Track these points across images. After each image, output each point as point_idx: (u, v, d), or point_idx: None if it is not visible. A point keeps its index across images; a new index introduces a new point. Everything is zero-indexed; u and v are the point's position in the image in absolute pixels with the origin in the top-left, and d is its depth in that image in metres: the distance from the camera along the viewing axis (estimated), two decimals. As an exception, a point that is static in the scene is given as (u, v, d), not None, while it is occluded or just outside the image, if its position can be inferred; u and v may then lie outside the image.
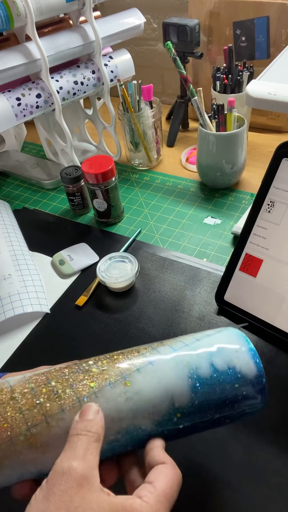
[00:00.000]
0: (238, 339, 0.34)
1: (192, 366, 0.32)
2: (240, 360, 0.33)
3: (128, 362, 0.32)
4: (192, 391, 0.31)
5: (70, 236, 0.72)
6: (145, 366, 0.32)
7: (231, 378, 0.32)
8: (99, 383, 0.31)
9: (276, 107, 0.50)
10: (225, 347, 0.33)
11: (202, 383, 0.32)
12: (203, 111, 0.71)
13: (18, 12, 0.64)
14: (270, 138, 0.90)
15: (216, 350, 0.33)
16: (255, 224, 0.52)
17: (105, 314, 0.59)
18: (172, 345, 0.34)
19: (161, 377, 0.31)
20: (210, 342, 0.34)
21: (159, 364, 0.32)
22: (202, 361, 0.32)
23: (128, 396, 0.30)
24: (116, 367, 0.32)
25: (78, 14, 0.76)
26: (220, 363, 0.32)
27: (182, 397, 0.31)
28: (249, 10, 0.81)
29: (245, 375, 0.32)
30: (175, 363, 0.32)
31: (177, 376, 0.32)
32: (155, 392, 0.31)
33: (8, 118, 0.69)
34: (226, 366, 0.32)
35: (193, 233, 0.70)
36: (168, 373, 0.32)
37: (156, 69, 1.06)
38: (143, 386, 0.31)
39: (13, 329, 0.58)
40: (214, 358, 0.32)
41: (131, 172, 0.86)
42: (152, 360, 0.32)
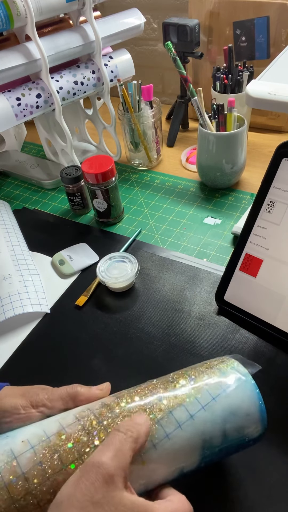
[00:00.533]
0: (251, 400, 0.35)
1: (206, 437, 0.33)
2: (250, 423, 0.34)
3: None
4: (201, 459, 0.33)
5: (70, 236, 0.72)
6: (162, 441, 0.32)
7: (238, 442, 0.34)
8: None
9: (276, 107, 0.50)
10: (238, 411, 0.34)
11: (212, 451, 0.33)
12: (203, 111, 0.71)
13: (18, 12, 0.64)
14: (270, 138, 0.90)
15: (230, 416, 0.34)
16: (255, 224, 0.52)
17: (105, 314, 0.59)
18: (188, 405, 0.34)
19: (176, 453, 0.32)
20: (226, 404, 0.34)
21: (175, 437, 0.32)
22: (216, 430, 0.33)
23: (142, 474, 0.31)
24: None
25: (78, 14, 0.76)
26: (231, 431, 0.34)
27: (191, 466, 0.33)
28: (249, 10, 0.81)
29: (252, 436, 0.34)
30: (191, 435, 0.33)
31: (191, 451, 0.33)
32: (168, 470, 0.32)
33: (8, 118, 0.69)
34: (237, 432, 0.34)
35: (193, 233, 0.70)
36: (183, 448, 0.32)
37: (156, 69, 1.06)
38: (157, 464, 0.32)
39: (13, 329, 0.58)
40: (227, 424, 0.33)
41: (131, 172, 0.86)
42: (169, 432, 0.32)
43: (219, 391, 0.34)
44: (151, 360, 0.52)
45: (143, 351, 0.53)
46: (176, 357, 0.52)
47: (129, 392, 0.35)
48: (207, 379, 0.35)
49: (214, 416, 0.33)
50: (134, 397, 0.34)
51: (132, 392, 0.35)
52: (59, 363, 0.54)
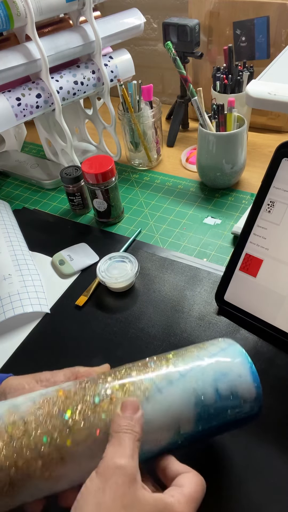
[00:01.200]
0: (241, 362, 0.35)
1: (199, 393, 0.33)
2: (242, 386, 0.34)
3: (136, 387, 0.33)
4: (197, 419, 0.33)
5: (70, 236, 0.72)
6: (154, 394, 0.33)
7: (233, 404, 0.34)
8: (111, 415, 0.32)
9: (276, 107, 0.50)
10: (229, 371, 0.35)
11: (206, 410, 0.33)
12: (203, 111, 0.71)
13: (18, 12, 0.64)
14: (270, 138, 0.90)
15: (221, 375, 0.34)
16: (255, 224, 0.52)
17: (105, 314, 0.59)
18: (179, 366, 0.35)
19: (169, 407, 0.33)
20: (216, 365, 0.35)
21: (167, 392, 0.33)
22: (207, 387, 0.34)
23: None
24: (126, 397, 0.33)
25: (78, 14, 0.76)
26: (224, 389, 0.34)
27: (188, 424, 0.33)
28: (249, 10, 0.81)
29: (246, 399, 0.34)
30: (182, 391, 0.33)
31: (183, 405, 0.33)
32: (163, 422, 0.33)
33: (8, 118, 0.69)
34: (230, 392, 0.34)
35: (193, 233, 0.70)
36: (176, 402, 0.33)
37: (156, 69, 1.06)
38: (152, 417, 0.32)
39: (13, 329, 0.58)
40: (219, 383, 0.34)
41: (131, 172, 0.86)
42: (161, 386, 0.33)
43: (208, 354, 0.36)
44: (151, 360, 0.52)
45: (143, 351, 0.53)
46: (176, 357, 0.52)
47: (124, 366, 0.37)
48: (198, 349, 0.37)
49: (204, 375, 0.34)
50: (130, 368, 0.36)
51: (128, 366, 0.37)
52: (59, 363, 0.53)
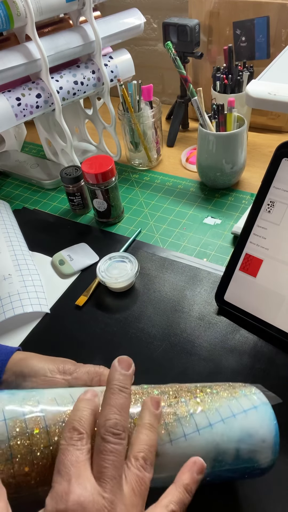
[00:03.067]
0: (268, 426, 0.35)
1: (220, 450, 0.33)
2: (262, 452, 0.34)
3: (164, 424, 0.33)
4: (209, 472, 0.33)
5: (70, 236, 0.72)
6: (178, 439, 0.33)
7: (248, 466, 0.34)
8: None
9: (276, 107, 0.50)
10: (255, 434, 0.34)
11: (221, 467, 0.33)
12: (203, 111, 0.71)
13: (18, 12, 0.64)
14: (270, 138, 0.90)
15: (246, 436, 0.34)
16: (255, 224, 0.52)
17: (105, 314, 0.59)
18: (209, 414, 0.34)
19: (189, 456, 0.32)
20: (244, 424, 0.34)
21: (191, 440, 0.33)
22: (230, 446, 0.33)
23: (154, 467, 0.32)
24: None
25: (78, 14, 0.76)
26: (245, 452, 0.33)
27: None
28: (249, 10, 0.81)
29: (261, 465, 0.34)
30: (206, 443, 0.33)
31: (204, 455, 0.33)
32: (176, 469, 0.32)
33: (8, 118, 0.69)
34: (249, 456, 0.33)
35: (193, 233, 0.70)
36: (196, 453, 0.33)
37: (156, 69, 1.06)
38: (169, 461, 0.32)
39: (13, 329, 0.58)
40: (242, 444, 0.33)
41: (131, 172, 0.86)
42: (187, 433, 0.33)
43: (240, 410, 0.35)
44: (151, 360, 0.52)
45: (143, 351, 0.53)
46: (176, 357, 0.52)
47: (154, 386, 0.37)
48: (230, 396, 0.36)
49: (231, 431, 0.33)
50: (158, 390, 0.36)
51: (157, 387, 0.37)
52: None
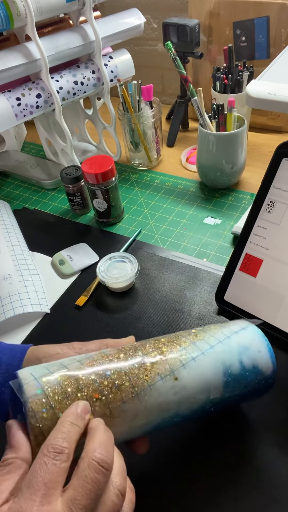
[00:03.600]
0: (260, 339, 0.40)
1: (226, 364, 0.38)
2: (262, 360, 0.39)
3: (173, 356, 0.37)
4: (224, 386, 0.38)
5: (70, 236, 0.72)
6: (189, 362, 0.37)
7: (255, 374, 0.39)
8: (152, 377, 0.35)
9: (276, 107, 0.50)
10: (250, 346, 0.39)
11: (233, 379, 0.38)
12: (203, 111, 0.71)
13: (18, 12, 0.64)
14: (270, 138, 0.90)
15: (243, 349, 0.39)
16: (255, 224, 0.52)
17: (105, 314, 0.59)
18: (208, 340, 0.39)
19: (202, 374, 0.37)
20: (239, 341, 0.40)
21: (200, 361, 0.37)
22: (233, 359, 0.38)
23: (176, 390, 0.35)
24: (165, 362, 0.36)
25: (78, 14, 0.76)
26: (247, 362, 0.39)
27: (217, 391, 0.37)
28: (249, 10, 0.81)
29: (265, 372, 0.39)
30: (213, 361, 0.37)
31: (214, 373, 0.37)
32: (198, 387, 0.36)
33: (8, 118, 0.69)
34: (252, 365, 0.39)
35: (193, 233, 0.70)
36: (208, 370, 0.37)
37: (156, 69, 1.06)
38: (188, 381, 0.36)
39: (13, 329, 0.58)
40: (243, 357, 0.38)
41: (131, 172, 0.86)
42: (194, 356, 0.37)
43: (231, 332, 0.40)
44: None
45: (143, 351, 0.53)
46: (176, 357, 0.52)
47: (155, 338, 0.40)
48: (220, 327, 0.41)
49: (230, 348, 0.39)
50: (162, 340, 0.39)
51: (158, 338, 0.40)
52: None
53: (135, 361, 0.36)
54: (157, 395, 0.34)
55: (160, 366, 0.36)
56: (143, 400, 0.34)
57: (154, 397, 0.34)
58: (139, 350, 0.37)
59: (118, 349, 0.37)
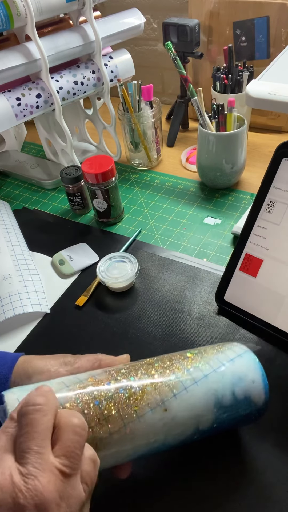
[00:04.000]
0: (255, 369, 0.39)
1: (219, 395, 0.37)
2: (255, 391, 0.38)
3: (165, 385, 0.36)
4: (214, 417, 0.37)
5: (70, 236, 0.72)
6: (181, 392, 0.36)
7: (246, 405, 0.38)
8: (142, 408, 0.35)
9: (276, 107, 0.50)
10: (244, 377, 0.39)
11: (223, 411, 0.37)
12: (203, 111, 0.71)
13: (18, 12, 0.64)
14: (270, 138, 0.90)
15: (238, 379, 0.38)
16: (255, 224, 0.52)
17: (105, 314, 0.59)
18: (202, 367, 0.38)
19: (193, 406, 0.36)
20: (234, 370, 0.39)
21: (192, 391, 0.37)
22: (226, 390, 0.38)
23: (165, 422, 0.35)
24: (156, 392, 0.36)
25: (78, 14, 0.76)
26: (240, 393, 0.38)
27: (206, 423, 0.37)
28: (249, 10, 0.81)
29: (257, 403, 0.39)
30: (205, 391, 0.37)
31: (205, 405, 0.37)
32: (186, 420, 0.36)
33: (8, 118, 0.69)
34: (244, 396, 0.38)
35: (193, 233, 0.70)
36: (199, 402, 0.36)
37: (156, 69, 1.06)
38: (178, 412, 0.36)
39: (13, 329, 0.58)
40: (235, 387, 0.38)
41: (131, 172, 0.86)
42: (187, 386, 0.37)
43: (227, 360, 0.40)
44: (151, 360, 0.52)
45: (143, 351, 0.53)
46: (176, 357, 0.52)
47: (148, 360, 0.40)
48: (216, 352, 0.41)
49: (224, 378, 0.38)
50: (154, 364, 0.39)
51: (151, 360, 0.40)
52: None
53: (126, 388, 0.35)
54: (145, 427, 0.34)
55: (151, 397, 0.35)
56: (130, 431, 0.34)
57: (141, 429, 0.34)
58: (131, 375, 0.37)
59: (109, 373, 0.37)
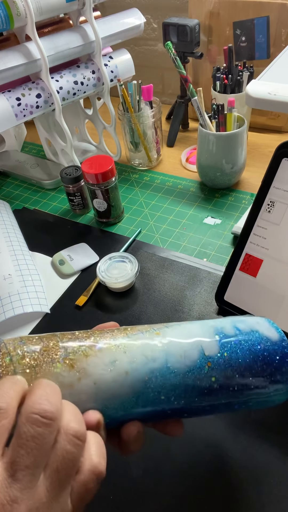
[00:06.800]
0: (256, 318, 0.35)
1: (218, 327, 0.33)
2: (261, 326, 0.33)
3: (155, 326, 0.33)
4: (220, 344, 0.32)
5: (70, 236, 0.72)
6: (172, 325, 0.33)
7: (256, 338, 0.33)
8: (132, 330, 0.31)
9: (276, 107, 0.50)
10: (246, 319, 0.34)
11: (228, 338, 0.32)
12: (203, 111, 0.71)
13: (18, 12, 0.64)
14: (270, 138, 0.90)
15: (238, 320, 0.34)
16: (255, 224, 0.52)
17: (105, 314, 0.59)
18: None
19: (189, 331, 0.32)
20: (231, 318, 0.35)
21: (185, 325, 0.33)
22: (226, 325, 0.33)
23: (160, 340, 0.31)
24: (147, 325, 0.32)
25: (78, 14, 0.76)
26: (243, 327, 0.33)
27: (211, 348, 0.31)
28: (249, 10, 0.81)
29: (269, 337, 0.33)
30: (200, 325, 0.33)
31: (204, 332, 0.32)
32: (185, 341, 0.31)
33: (8, 118, 0.69)
34: (250, 329, 0.33)
35: (193, 233, 0.70)
36: (195, 330, 0.32)
37: (156, 69, 1.06)
38: (173, 335, 0.31)
39: (13, 329, 0.58)
40: (237, 324, 0.33)
41: (131, 172, 0.86)
42: (179, 323, 0.33)
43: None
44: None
45: (143, 351, 0.53)
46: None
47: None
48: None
49: (221, 320, 0.34)
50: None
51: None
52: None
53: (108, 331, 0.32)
54: (139, 344, 0.30)
55: (140, 327, 0.32)
56: (122, 346, 0.30)
57: (135, 345, 0.30)
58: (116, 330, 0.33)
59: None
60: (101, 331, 0.32)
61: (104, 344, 0.30)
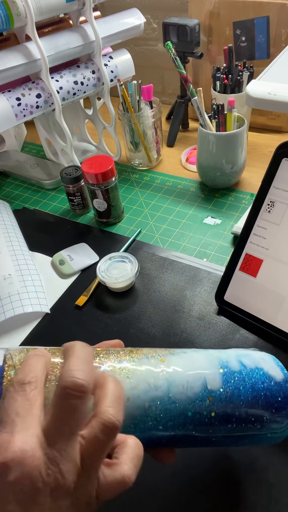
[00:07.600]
0: (261, 354, 0.35)
1: (223, 360, 0.33)
2: (267, 364, 0.34)
3: (160, 351, 0.33)
4: (223, 379, 0.32)
5: (70, 236, 0.72)
6: (178, 352, 0.33)
7: (260, 376, 0.33)
8: (137, 353, 0.31)
9: (276, 107, 0.50)
10: (251, 353, 0.35)
11: (232, 373, 0.32)
12: (203, 111, 0.71)
13: (18, 12, 0.64)
14: (270, 138, 0.90)
15: (244, 354, 0.34)
16: (255, 224, 0.52)
17: (105, 314, 0.59)
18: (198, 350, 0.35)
19: (194, 362, 0.32)
20: (235, 350, 0.35)
21: (191, 354, 0.33)
22: (231, 358, 0.33)
23: (163, 369, 0.31)
24: (152, 350, 0.32)
25: (78, 14, 0.76)
26: (249, 363, 0.33)
27: (214, 382, 0.31)
28: (249, 10, 0.81)
29: (273, 376, 0.33)
30: (206, 356, 0.33)
31: (208, 364, 0.32)
32: (189, 371, 0.31)
33: (8, 118, 0.69)
34: (254, 366, 0.33)
35: (193, 233, 0.70)
36: (200, 361, 0.32)
37: (156, 69, 1.06)
38: (178, 364, 0.31)
39: (13, 329, 0.58)
40: (243, 358, 0.34)
41: (131, 172, 0.86)
42: (185, 350, 0.33)
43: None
44: (151, 360, 0.52)
45: (143, 351, 0.53)
46: (176, 357, 0.52)
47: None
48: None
49: (226, 352, 0.34)
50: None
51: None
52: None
53: (114, 351, 0.32)
54: (143, 370, 0.30)
55: (146, 351, 0.32)
56: (125, 369, 0.30)
57: (139, 371, 0.30)
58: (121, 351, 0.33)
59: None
60: (106, 350, 0.32)
61: (108, 366, 0.30)
